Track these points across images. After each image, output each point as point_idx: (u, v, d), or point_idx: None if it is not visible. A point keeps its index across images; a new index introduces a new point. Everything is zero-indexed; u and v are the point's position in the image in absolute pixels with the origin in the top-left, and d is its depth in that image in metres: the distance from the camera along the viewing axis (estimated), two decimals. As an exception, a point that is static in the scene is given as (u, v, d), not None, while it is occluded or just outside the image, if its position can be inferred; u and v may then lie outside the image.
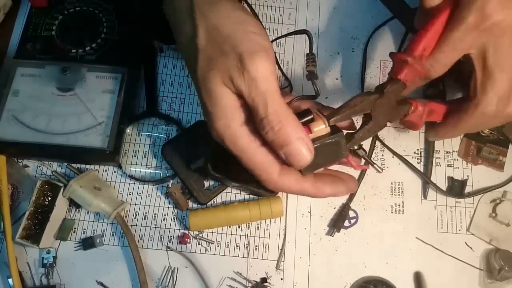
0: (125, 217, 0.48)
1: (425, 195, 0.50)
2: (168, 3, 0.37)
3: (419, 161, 0.52)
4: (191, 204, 0.49)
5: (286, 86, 0.36)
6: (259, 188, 0.47)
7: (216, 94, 0.32)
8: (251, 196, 0.49)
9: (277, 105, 0.31)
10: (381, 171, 0.43)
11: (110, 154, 0.47)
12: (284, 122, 0.31)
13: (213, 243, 0.48)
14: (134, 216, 0.49)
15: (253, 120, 0.32)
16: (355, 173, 0.49)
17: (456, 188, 0.51)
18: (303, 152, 0.32)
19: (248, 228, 0.49)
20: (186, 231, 0.48)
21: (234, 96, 0.32)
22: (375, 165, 0.43)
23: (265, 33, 0.33)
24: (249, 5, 0.56)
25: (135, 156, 0.51)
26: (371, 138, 0.52)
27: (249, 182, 0.46)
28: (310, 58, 0.38)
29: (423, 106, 0.41)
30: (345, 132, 0.37)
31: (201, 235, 0.48)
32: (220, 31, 0.32)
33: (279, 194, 0.49)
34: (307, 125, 0.35)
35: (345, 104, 0.38)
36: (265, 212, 0.47)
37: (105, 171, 0.50)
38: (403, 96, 0.41)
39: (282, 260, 0.47)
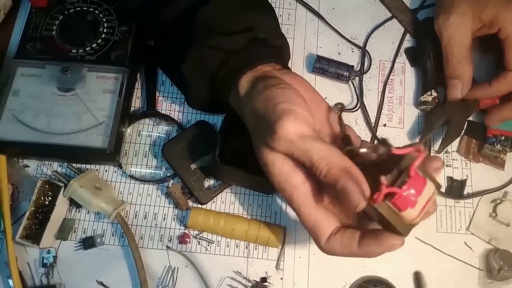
0: (126, 217, 0.48)
1: None
2: (230, 98, 0.43)
3: (419, 161, 0.52)
4: (191, 203, 0.49)
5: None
6: (264, 188, 0.48)
7: (267, 161, 0.36)
8: (254, 213, 0.49)
9: (320, 152, 0.34)
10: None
11: (111, 154, 0.47)
12: (331, 164, 0.33)
13: (213, 243, 0.48)
14: (134, 216, 0.49)
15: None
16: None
17: (456, 188, 0.51)
18: (353, 191, 0.32)
19: (248, 228, 0.49)
20: (186, 231, 0.48)
21: (285, 159, 0.36)
22: None
23: (292, 97, 0.37)
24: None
25: (135, 156, 0.51)
26: (369, 139, 0.52)
27: (254, 183, 0.47)
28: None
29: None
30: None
31: (201, 235, 0.48)
32: (256, 113, 0.38)
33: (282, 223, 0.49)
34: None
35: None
36: (263, 238, 0.47)
37: (106, 171, 0.50)
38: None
39: (282, 260, 0.48)
